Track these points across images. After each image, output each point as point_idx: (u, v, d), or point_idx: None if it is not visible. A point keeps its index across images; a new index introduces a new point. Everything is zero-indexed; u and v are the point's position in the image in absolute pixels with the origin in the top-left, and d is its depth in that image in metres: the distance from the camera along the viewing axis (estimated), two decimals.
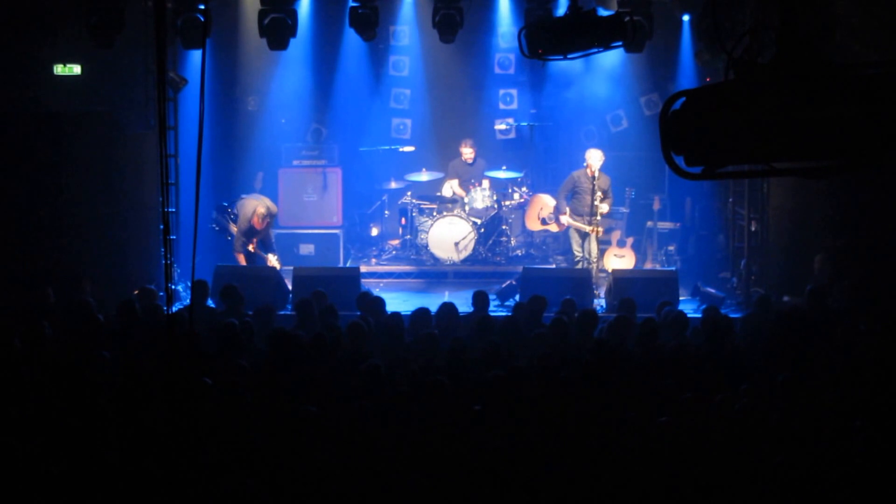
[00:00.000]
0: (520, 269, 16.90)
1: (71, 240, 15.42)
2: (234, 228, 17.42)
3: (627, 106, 20.13)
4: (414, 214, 19.17)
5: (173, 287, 15.28)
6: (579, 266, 16.89)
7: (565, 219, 17.07)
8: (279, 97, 19.91)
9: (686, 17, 17.98)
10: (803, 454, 8.26)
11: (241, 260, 17.08)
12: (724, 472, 8.18)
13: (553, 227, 17.53)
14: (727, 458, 8.34)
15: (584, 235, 16.97)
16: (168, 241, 8.23)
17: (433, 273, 18.68)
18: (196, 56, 16.91)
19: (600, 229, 16.85)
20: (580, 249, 17.03)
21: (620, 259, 18.23)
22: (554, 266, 18.65)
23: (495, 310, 15.04)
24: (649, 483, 8.14)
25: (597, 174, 16.73)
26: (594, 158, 16.82)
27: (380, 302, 13.44)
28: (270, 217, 17.30)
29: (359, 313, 13.06)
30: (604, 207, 16.84)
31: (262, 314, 12.89)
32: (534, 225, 18.25)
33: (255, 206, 17.01)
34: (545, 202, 18.22)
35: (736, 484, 8.09)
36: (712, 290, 16.30)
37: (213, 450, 8.26)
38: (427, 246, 18.59)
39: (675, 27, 18.19)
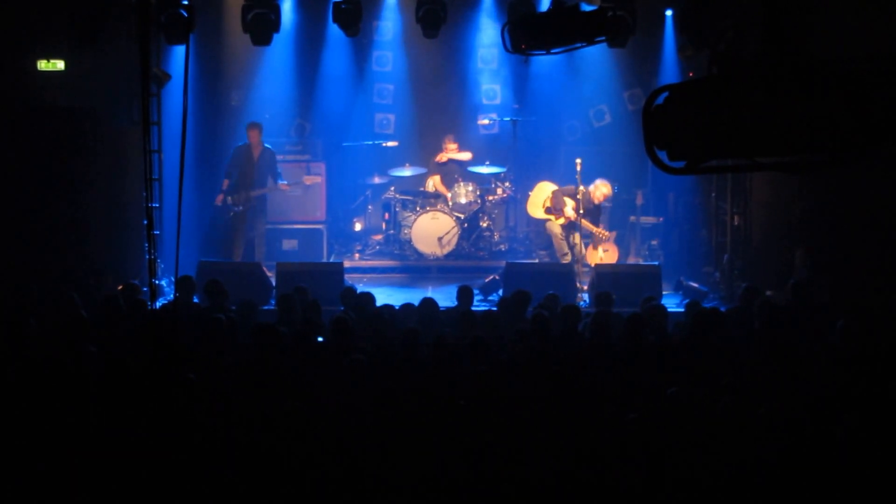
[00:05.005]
0: (503, 263, 16.88)
1: (54, 235, 15.38)
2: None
3: (610, 101, 20.16)
4: (397, 209, 19.19)
5: (157, 282, 15.26)
6: (566, 260, 16.89)
7: (570, 211, 16.96)
8: (263, 92, 19.88)
9: (669, 13, 18.04)
10: (786, 447, 8.29)
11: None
12: (707, 466, 8.21)
13: (554, 219, 17.34)
14: (710, 452, 8.37)
15: (567, 229, 16.96)
16: (152, 237, 8.22)
17: (416, 268, 18.71)
18: (179, 51, 16.90)
19: (604, 233, 17.06)
20: (565, 244, 17.02)
21: (604, 254, 18.26)
22: (537, 261, 18.67)
23: (478, 304, 15.03)
24: (632, 477, 8.16)
25: (582, 198, 16.78)
26: (599, 189, 17.07)
27: (363, 297, 13.44)
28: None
29: (342, 308, 13.07)
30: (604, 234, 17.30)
31: (245, 309, 12.87)
32: (536, 212, 18.03)
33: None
34: (548, 191, 18.08)
35: (720, 478, 8.11)
36: (695, 285, 16.33)
37: (196, 445, 8.26)
38: (410, 241, 18.61)
39: (658, 22, 18.24)
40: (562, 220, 17.09)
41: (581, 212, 16.74)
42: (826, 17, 13.27)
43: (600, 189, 17.20)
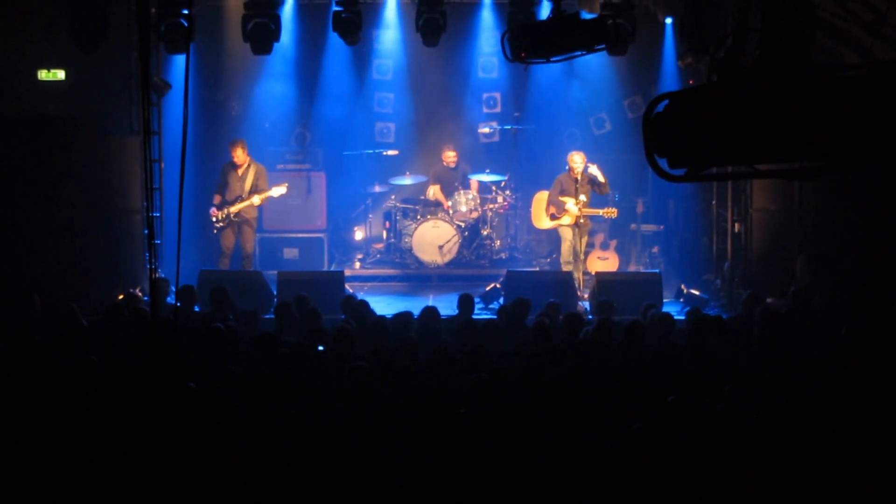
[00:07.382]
0: (504, 272, 16.88)
1: (56, 245, 15.36)
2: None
3: (611, 109, 20.17)
4: (398, 218, 19.18)
5: None
6: (568, 269, 16.80)
7: (572, 206, 16.88)
8: (263, 101, 19.92)
9: (669, 20, 18.04)
10: (787, 455, 8.29)
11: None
12: (707, 474, 8.20)
13: (565, 220, 17.24)
14: (711, 460, 8.36)
15: (577, 231, 16.86)
16: (153, 246, 8.23)
17: (417, 276, 18.71)
18: (179, 61, 16.92)
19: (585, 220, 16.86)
20: (571, 254, 16.93)
21: (604, 261, 18.27)
22: (538, 269, 18.66)
23: (479, 313, 15.03)
24: (633, 485, 8.15)
25: (580, 177, 16.73)
26: (576, 162, 16.82)
27: (364, 305, 13.43)
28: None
29: (343, 317, 13.06)
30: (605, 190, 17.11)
31: (247, 318, 12.86)
32: (543, 223, 17.85)
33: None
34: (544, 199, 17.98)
35: (720, 485, 8.10)
36: (696, 292, 16.33)
37: (197, 453, 8.25)
38: (411, 249, 18.61)
39: (657, 30, 18.26)
40: (570, 220, 16.94)
41: (584, 199, 16.70)
42: (825, 23, 13.31)
43: (575, 167, 16.97)
